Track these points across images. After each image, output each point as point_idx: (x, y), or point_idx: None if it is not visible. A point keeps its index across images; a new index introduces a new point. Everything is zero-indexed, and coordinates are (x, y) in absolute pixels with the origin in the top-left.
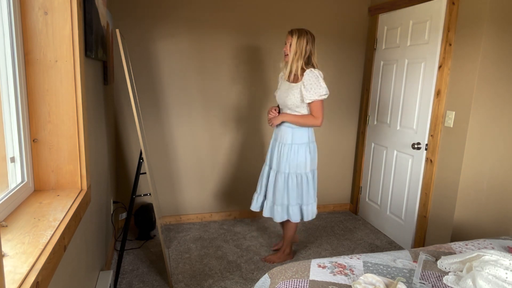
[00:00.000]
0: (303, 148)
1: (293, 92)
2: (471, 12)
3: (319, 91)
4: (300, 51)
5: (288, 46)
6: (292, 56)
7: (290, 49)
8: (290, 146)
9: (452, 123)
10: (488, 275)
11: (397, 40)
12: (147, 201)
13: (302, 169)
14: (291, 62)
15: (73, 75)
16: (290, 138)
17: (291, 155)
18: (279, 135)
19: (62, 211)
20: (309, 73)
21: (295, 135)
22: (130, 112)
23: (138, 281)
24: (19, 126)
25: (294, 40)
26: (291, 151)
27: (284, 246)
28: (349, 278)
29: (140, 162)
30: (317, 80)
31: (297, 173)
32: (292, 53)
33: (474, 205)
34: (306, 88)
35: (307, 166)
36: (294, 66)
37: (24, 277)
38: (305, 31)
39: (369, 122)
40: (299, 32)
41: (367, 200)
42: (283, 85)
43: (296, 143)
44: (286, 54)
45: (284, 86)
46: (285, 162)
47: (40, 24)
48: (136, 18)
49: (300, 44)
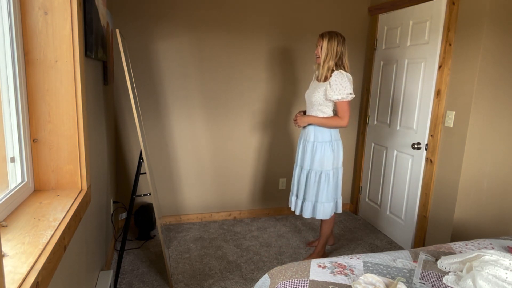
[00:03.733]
0: (325, 146)
1: (319, 90)
2: (471, 12)
3: (343, 91)
4: (331, 53)
5: (320, 49)
6: (324, 58)
7: (321, 51)
8: (313, 143)
9: (452, 123)
10: (488, 275)
11: (397, 40)
12: (147, 201)
13: (323, 166)
14: (323, 64)
15: (73, 75)
16: (313, 136)
17: (313, 152)
18: (304, 134)
19: (62, 211)
20: (337, 74)
21: (317, 133)
22: (130, 112)
23: (138, 281)
24: (19, 126)
25: (324, 43)
26: (313, 148)
27: (319, 246)
28: (349, 278)
29: (140, 162)
30: (343, 81)
31: (316, 170)
32: (323, 55)
33: (474, 205)
34: (331, 87)
35: (328, 164)
36: (326, 67)
37: (24, 277)
38: (335, 34)
39: (369, 122)
40: (329, 35)
41: (367, 200)
42: (313, 84)
43: (319, 141)
44: (318, 57)
45: (313, 85)
46: (308, 159)
47: (40, 24)
48: (136, 18)
49: (331, 46)
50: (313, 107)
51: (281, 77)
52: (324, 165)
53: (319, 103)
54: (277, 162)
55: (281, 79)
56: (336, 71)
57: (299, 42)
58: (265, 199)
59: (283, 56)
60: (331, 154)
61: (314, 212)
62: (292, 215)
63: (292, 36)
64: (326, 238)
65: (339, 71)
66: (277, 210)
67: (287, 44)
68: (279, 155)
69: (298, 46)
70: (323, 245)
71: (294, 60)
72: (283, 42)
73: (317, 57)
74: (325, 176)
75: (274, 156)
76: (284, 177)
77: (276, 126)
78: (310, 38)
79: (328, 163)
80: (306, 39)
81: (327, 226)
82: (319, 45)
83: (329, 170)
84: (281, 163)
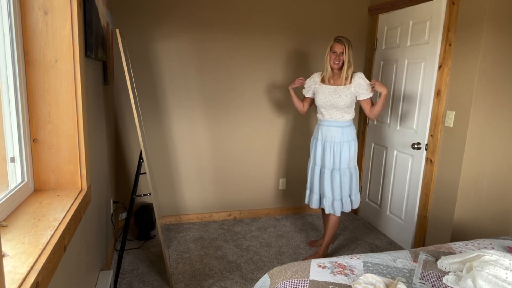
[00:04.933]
0: (351, 144)
1: (345, 93)
2: (471, 12)
3: (369, 88)
4: (352, 58)
5: (343, 55)
6: (347, 63)
7: (345, 57)
8: (340, 144)
9: (452, 123)
10: (488, 275)
11: (397, 40)
12: (147, 201)
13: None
14: (347, 69)
15: (73, 75)
16: (340, 136)
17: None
18: (327, 135)
19: (62, 211)
20: (360, 75)
21: (344, 133)
22: (130, 112)
23: (138, 281)
24: (19, 126)
25: (346, 48)
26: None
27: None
28: (349, 278)
29: (140, 162)
30: (365, 81)
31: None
32: (347, 60)
33: (474, 205)
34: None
35: (354, 160)
36: (350, 71)
37: (24, 277)
38: (348, 39)
39: (369, 122)
40: (349, 41)
41: (367, 200)
42: (324, 88)
43: (346, 140)
44: (337, 62)
45: (329, 90)
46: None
47: (40, 24)
48: (136, 18)
49: (351, 52)
50: (338, 110)
51: (281, 77)
52: (351, 162)
53: (347, 106)
54: (277, 162)
55: (281, 79)
56: (355, 73)
57: (299, 42)
58: (265, 199)
59: (283, 56)
60: (355, 151)
61: (344, 206)
62: (292, 215)
63: (292, 36)
64: (331, 238)
65: (359, 72)
66: (277, 210)
67: (287, 44)
68: (280, 155)
69: (298, 46)
70: (328, 245)
71: (295, 60)
72: (283, 42)
73: (336, 62)
74: (355, 171)
75: (274, 156)
76: (284, 177)
77: (276, 126)
78: (310, 38)
79: (355, 159)
80: (306, 39)
81: (334, 226)
82: (338, 50)
83: (355, 165)
84: (281, 163)
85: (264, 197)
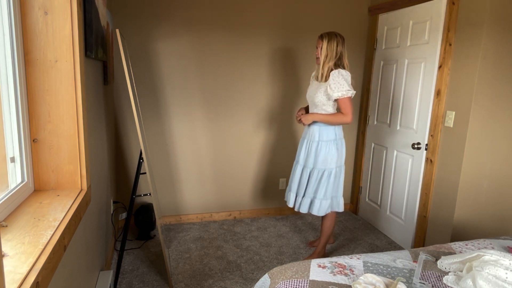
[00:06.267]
0: (330, 145)
1: (320, 90)
2: (471, 12)
3: (342, 88)
4: (331, 54)
5: (319, 50)
6: (323, 59)
7: (321, 52)
8: (318, 143)
9: (452, 123)
10: (488, 275)
11: (397, 40)
12: (147, 201)
13: (326, 165)
14: (323, 65)
15: (73, 75)
16: (318, 135)
17: (318, 152)
18: (308, 133)
19: (62, 211)
20: (334, 73)
21: (322, 132)
22: (130, 112)
23: (138, 281)
24: (19, 126)
25: (324, 44)
26: (318, 147)
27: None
28: (349, 278)
29: (140, 162)
30: (339, 79)
31: (320, 168)
32: (323, 56)
33: (474, 205)
34: (331, 87)
35: (332, 162)
36: (326, 68)
37: (24, 277)
38: (334, 34)
39: (369, 122)
40: (328, 36)
41: (367, 200)
42: (313, 85)
43: (324, 140)
44: (317, 57)
45: (314, 86)
46: (312, 158)
47: (40, 24)
48: (136, 18)
49: (331, 47)
50: (317, 107)
51: (281, 77)
52: (328, 164)
53: (322, 103)
54: (277, 162)
55: (281, 78)
56: (334, 70)
57: (300, 41)
58: (265, 199)
59: (283, 56)
60: (335, 153)
61: (311, 208)
62: (292, 215)
63: (292, 36)
64: (327, 238)
65: (337, 69)
66: (277, 210)
67: (288, 44)
68: (280, 155)
69: (299, 46)
70: (324, 245)
71: (295, 60)
72: (283, 42)
73: (317, 57)
74: (328, 174)
75: (274, 156)
76: (284, 177)
77: (276, 126)
78: (310, 37)
79: (332, 161)
80: (307, 38)
81: (329, 225)
82: (318, 46)
83: (332, 168)
84: (281, 163)
85: (264, 197)
